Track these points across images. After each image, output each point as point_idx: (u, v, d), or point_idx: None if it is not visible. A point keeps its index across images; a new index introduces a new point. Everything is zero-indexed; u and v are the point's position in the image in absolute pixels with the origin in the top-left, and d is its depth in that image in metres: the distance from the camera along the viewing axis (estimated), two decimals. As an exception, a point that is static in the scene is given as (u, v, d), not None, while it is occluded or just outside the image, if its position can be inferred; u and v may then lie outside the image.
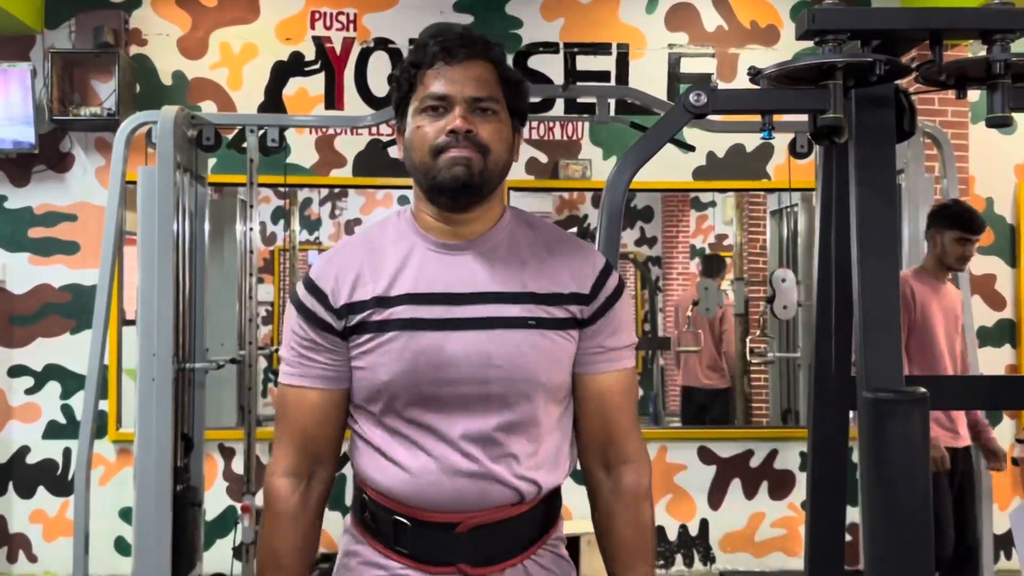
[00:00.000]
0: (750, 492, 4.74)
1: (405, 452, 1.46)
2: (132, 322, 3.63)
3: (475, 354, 1.44)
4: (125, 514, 4.38)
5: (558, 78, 4.62)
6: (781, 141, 4.64)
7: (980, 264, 4.56)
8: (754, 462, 4.74)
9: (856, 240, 1.77)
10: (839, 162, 1.94)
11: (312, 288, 1.51)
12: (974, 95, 4.05)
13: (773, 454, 4.75)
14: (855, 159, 1.78)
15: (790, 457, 4.71)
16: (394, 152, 1.46)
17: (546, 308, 1.48)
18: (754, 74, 1.69)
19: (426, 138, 1.46)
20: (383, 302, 1.46)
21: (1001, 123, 1.64)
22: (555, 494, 1.57)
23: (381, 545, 1.50)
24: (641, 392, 6.97)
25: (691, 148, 3.81)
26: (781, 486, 4.73)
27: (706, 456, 4.74)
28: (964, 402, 2.63)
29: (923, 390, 1.69)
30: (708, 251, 6.65)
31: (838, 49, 1.60)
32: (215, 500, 4.46)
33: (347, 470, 2.36)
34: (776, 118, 4.42)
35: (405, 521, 1.47)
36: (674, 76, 4.72)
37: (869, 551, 1.73)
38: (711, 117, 3.78)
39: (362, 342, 1.47)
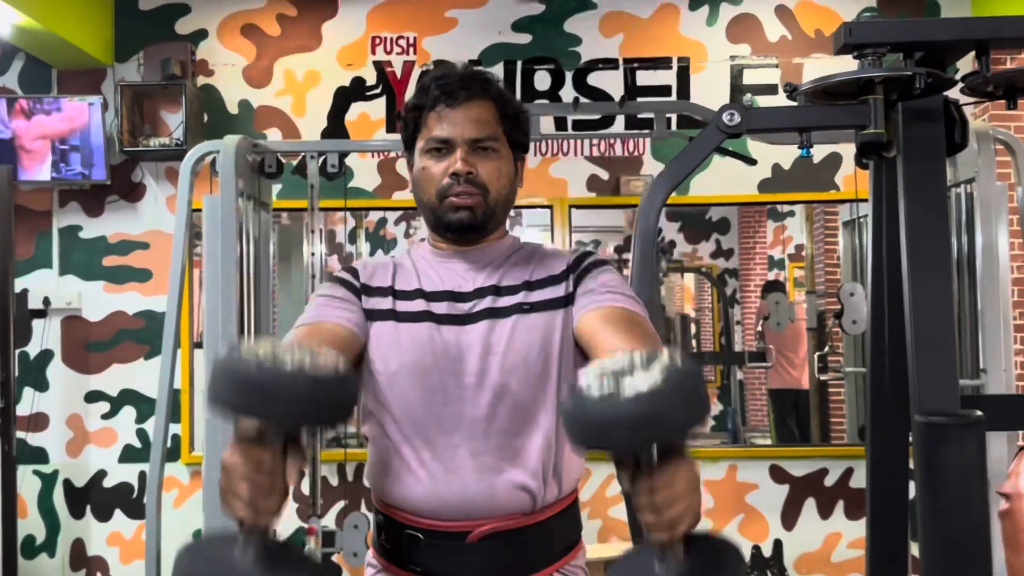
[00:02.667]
0: (825, 512, 4.62)
1: (413, 454, 1.49)
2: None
3: (478, 344, 1.51)
4: (199, 536, 4.45)
5: (619, 95, 4.59)
6: (848, 152, 4.54)
7: (1061, 274, 4.39)
8: (828, 481, 4.63)
9: (906, 256, 1.72)
10: (888, 177, 1.88)
11: (350, 270, 1.65)
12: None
13: (849, 472, 4.63)
14: (903, 174, 1.72)
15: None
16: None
17: (536, 292, 1.56)
18: (791, 90, 1.65)
19: (432, 179, 1.57)
20: (398, 294, 1.58)
21: (1053, 134, 1.58)
22: (571, 512, 1.56)
23: (397, 567, 1.52)
24: (720, 407, 6.86)
25: (752, 161, 3.74)
26: (858, 505, 4.59)
27: (778, 475, 4.63)
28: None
29: (979, 413, 1.62)
30: (787, 261, 6.51)
31: (877, 63, 1.56)
32: (283, 522, 4.50)
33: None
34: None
35: (417, 534, 1.48)
36: (737, 88, 4.65)
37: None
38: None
39: (376, 329, 1.54)
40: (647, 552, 1.10)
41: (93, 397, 4.65)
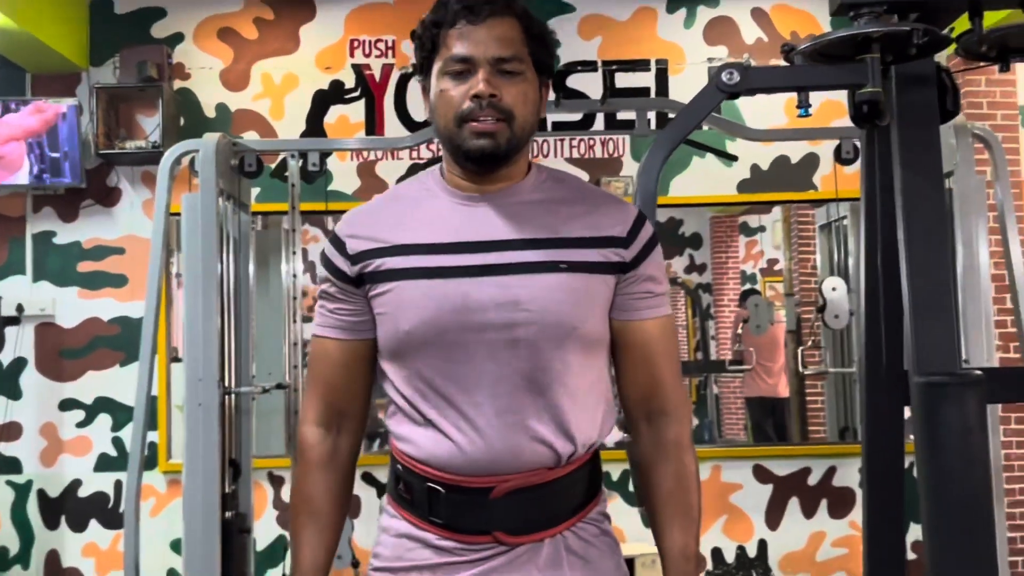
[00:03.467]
0: (809, 511, 4.62)
1: (433, 409, 1.44)
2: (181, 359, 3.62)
3: (503, 299, 1.42)
4: (176, 545, 4.37)
5: (597, 97, 4.59)
6: (826, 152, 4.57)
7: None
8: (812, 480, 4.63)
9: (902, 221, 1.72)
10: (881, 146, 1.88)
11: (334, 239, 1.54)
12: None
13: (832, 471, 4.63)
14: (898, 139, 1.73)
15: (849, 474, 4.59)
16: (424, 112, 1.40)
17: (579, 251, 1.46)
18: (788, 50, 1.66)
19: (451, 103, 1.45)
20: (403, 249, 1.47)
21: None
22: (595, 461, 1.53)
23: (416, 517, 1.48)
24: (696, 421, 6.87)
25: (733, 158, 3.76)
26: (841, 504, 4.60)
27: (762, 475, 4.63)
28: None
29: (979, 372, 1.62)
30: (759, 276, 6.54)
31: (874, 22, 1.57)
32: (265, 530, 4.44)
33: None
34: (821, 124, 4.34)
35: (438, 488, 1.44)
36: (715, 90, 4.67)
37: (928, 544, 1.65)
38: (752, 126, 3.75)
39: (381, 291, 1.47)
40: None
41: (67, 405, 4.57)
